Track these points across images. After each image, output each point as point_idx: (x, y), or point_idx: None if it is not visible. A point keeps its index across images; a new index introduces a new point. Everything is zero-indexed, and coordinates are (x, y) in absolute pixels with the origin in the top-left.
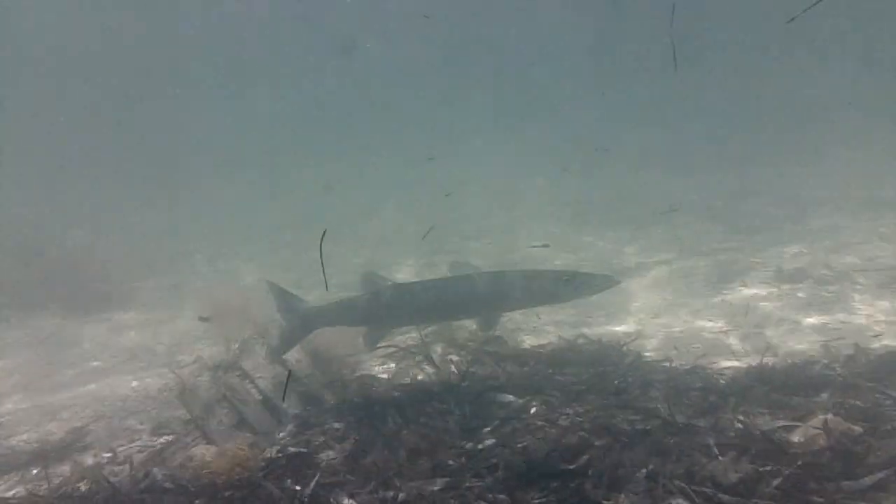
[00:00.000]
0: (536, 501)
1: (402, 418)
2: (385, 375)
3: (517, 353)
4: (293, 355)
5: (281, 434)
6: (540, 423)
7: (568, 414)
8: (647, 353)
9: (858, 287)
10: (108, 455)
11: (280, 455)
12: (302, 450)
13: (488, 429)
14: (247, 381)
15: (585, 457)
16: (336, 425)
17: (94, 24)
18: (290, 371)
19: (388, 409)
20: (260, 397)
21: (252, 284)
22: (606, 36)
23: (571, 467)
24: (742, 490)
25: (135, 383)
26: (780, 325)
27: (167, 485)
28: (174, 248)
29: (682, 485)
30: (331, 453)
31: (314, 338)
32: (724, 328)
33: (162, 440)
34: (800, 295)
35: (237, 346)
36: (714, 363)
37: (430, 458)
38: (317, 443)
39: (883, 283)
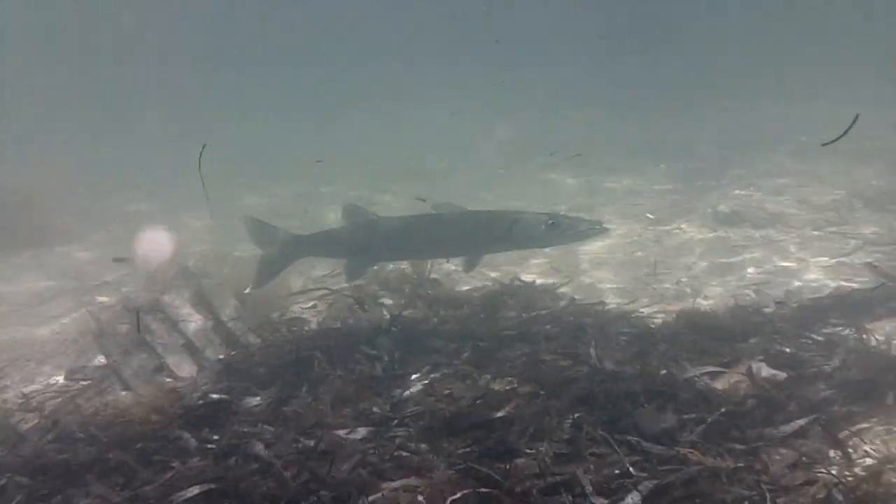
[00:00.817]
0: (459, 451)
1: (329, 364)
2: (316, 319)
3: (451, 296)
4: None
5: (202, 380)
6: (470, 369)
7: (498, 359)
8: (579, 297)
9: (792, 230)
10: (21, 402)
11: (200, 402)
12: (223, 396)
13: (417, 375)
14: (169, 324)
15: (511, 405)
16: (261, 370)
17: None
18: (138, 312)
19: (315, 353)
20: (182, 341)
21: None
22: None
23: (496, 416)
24: (665, 438)
25: (55, 326)
26: (713, 270)
27: (78, 434)
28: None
29: (605, 434)
30: (253, 400)
31: (233, 275)
32: (657, 272)
33: (77, 386)
34: (734, 238)
35: (160, 287)
36: (646, 308)
37: (355, 405)
38: (239, 389)
39: (817, 226)
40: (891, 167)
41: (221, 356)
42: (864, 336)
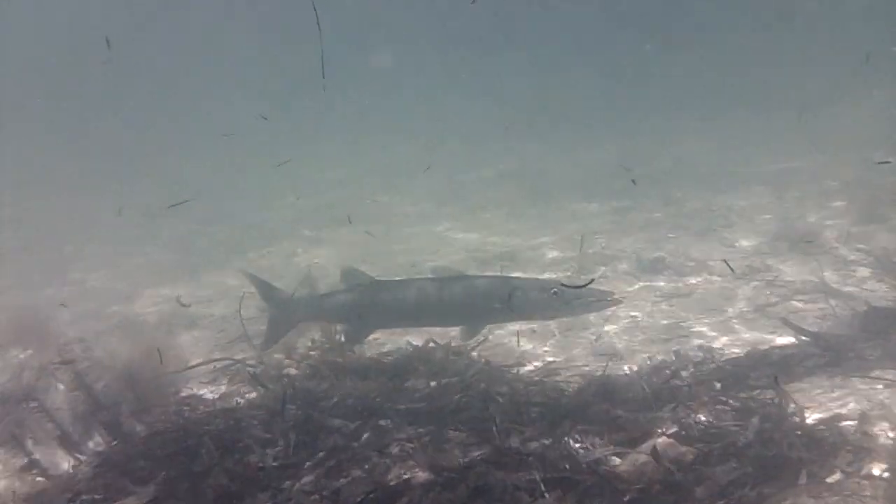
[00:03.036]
0: None
1: (219, 452)
2: (213, 396)
3: (360, 364)
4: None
5: (78, 477)
6: (369, 452)
7: (400, 440)
8: (497, 359)
9: (715, 279)
10: None
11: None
12: (96, 496)
13: (310, 463)
14: (42, 414)
15: (404, 499)
16: (142, 464)
17: None
18: None
19: (204, 441)
20: (58, 433)
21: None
22: None
23: None
24: None
25: None
26: (632, 327)
27: None
28: None
29: None
30: (129, 501)
31: (127, 353)
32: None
33: None
34: (657, 288)
35: (32, 373)
36: (563, 370)
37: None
38: (116, 487)
39: (741, 274)
40: (817, 199)
41: (101, 448)
42: (782, 401)
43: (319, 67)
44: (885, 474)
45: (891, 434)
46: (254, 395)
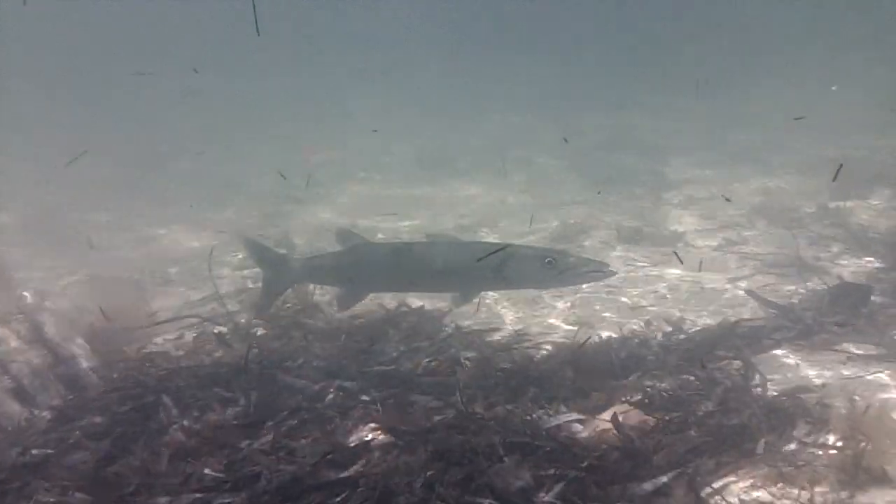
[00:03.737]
0: None
1: (178, 409)
2: (180, 352)
3: (330, 326)
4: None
5: (30, 430)
6: (332, 413)
7: (364, 402)
8: (466, 323)
9: (691, 250)
10: None
11: (20, 459)
12: (48, 451)
13: (272, 422)
14: None
15: (362, 461)
16: (98, 419)
17: None
18: None
19: (162, 398)
20: (11, 385)
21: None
22: None
23: (343, 475)
24: (521, 499)
25: None
26: (605, 295)
27: None
28: None
29: (457, 495)
30: (81, 456)
31: (93, 307)
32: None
33: None
34: (634, 258)
35: None
36: (533, 337)
37: (195, 461)
38: (68, 443)
39: (717, 246)
40: (802, 178)
41: (56, 402)
42: (747, 372)
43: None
44: (839, 444)
45: (847, 405)
46: (220, 353)
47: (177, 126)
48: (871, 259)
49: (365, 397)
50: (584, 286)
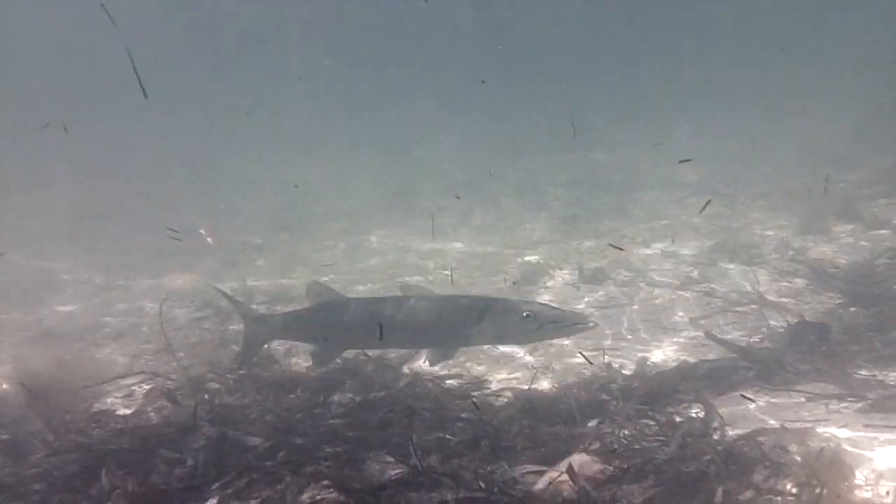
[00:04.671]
0: None
1: (121, 473)
2: (128, 411)
3: (285, 378)
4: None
5: None
6: (283, 472)
7: (317, 459)
8: (426, 370)
9: (654, 289)
10: None
11: None
12: None
13: (220, 483)
14: None
15: None
16: (37, 487)
17: None
18: None
19: (106, 461)
20: None
21: None
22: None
23: None
24: None
25: None
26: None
27: None
28: None
29: None
30: None
31: (35, 367)
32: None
33: None
34: (596, 299)
35: None
36: (491, 383)
37: None
38: None
39: (680, 285)
40: (762, 210)
41: None
42: (707, 416)
43: None
44: (794, 490)
45: (802, 449)
46: (169, 410)
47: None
48: (832, 295)
49: (319, 453)
50: None
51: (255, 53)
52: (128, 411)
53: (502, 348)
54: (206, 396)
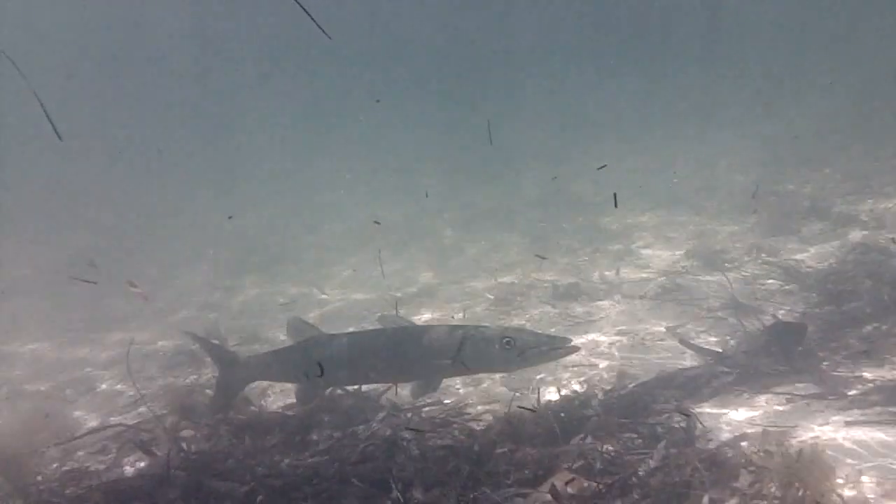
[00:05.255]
0: None
1: None
2: (101, 466)
3: (261, 420)
4: None
5: None
6: None
7: (297, 499)
8: (404, 401)
9: (628, 301)
10: None
11: None
12: None
13: None
14: None
15: None
16: None
17: None
18: None
19: None
20: None
21: None
22: None
23: None
24: None
25: None
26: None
27: None
28: None
29: None
30: None
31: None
32: None
33: None
34: (571, 315)
35: None
36: (470, 408)
37: None
38: None
39: (654, 294)
40: (731, 216)
41: None
42: (688, 424)
43: None
44: (778, 493)
45: (783, 451)
46: (143, 463)
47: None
48: (805, 295)
49: (298, 494)
50: None
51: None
52: (101, 466)
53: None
54: (182, 445)
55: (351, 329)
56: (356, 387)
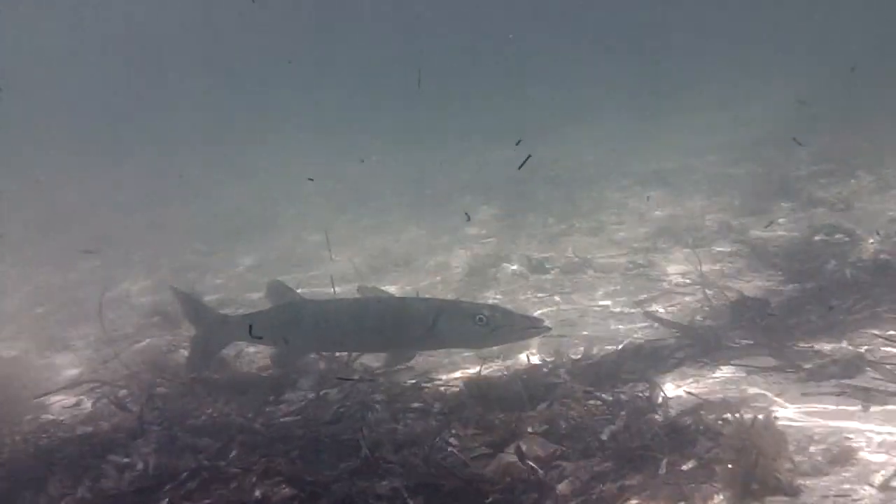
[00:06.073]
0: None
1: (70, 479)
2: (76, 420)
3: (236, 379)
4: None
5: None
6: (235, 470)
7: (270, 455)
8: (377, 365)
9: (600, 276)
10: None
11: None
12: None
13: (171, 485)
14: None
15: None
16: None
17: None
18: None
19: (55, 469)
20: None
21: None
22: None
23: None
24: None
25: None
26: None
27: None
28: None
29: None
30: None
31: None
32: None
33: None
34: (544, 288)
35: None
36: (442, 374)
37: None
38: None
39: (625, 269)
40: (704, 195)
41: None
42: (651, 393)
43: None
44: (734, 458)
45: (739, 419)
46: (118, 417)
47: None
48: (772, 273)
49: (271, 450)
50: None
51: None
52: (76, 421)
53: None
54: (156, 401)
55: None
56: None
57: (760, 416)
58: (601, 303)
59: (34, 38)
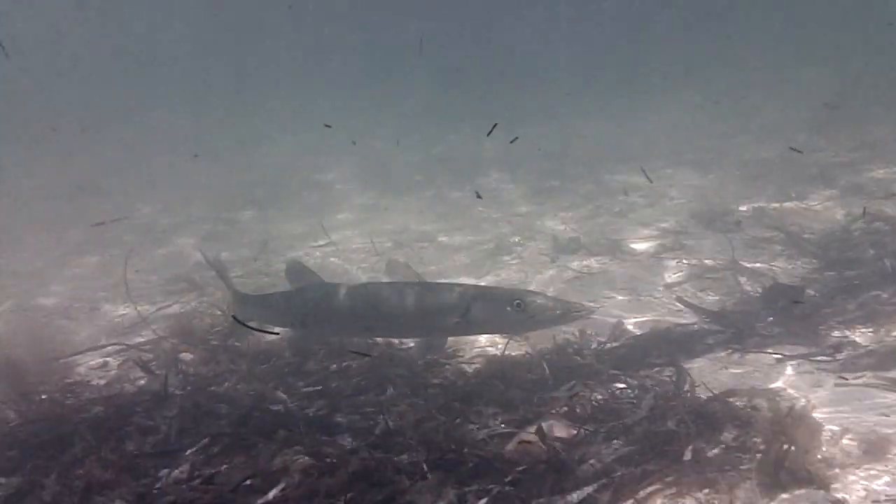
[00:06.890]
0: None
1: (94, 440)
2: (102, 381)
3: (259, 348)
4: None
5: None
6: (255, 438)
7: (290, 424)
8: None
9: (628, 259)
10: None
11: None
12: None
13: (192, 449)
14: None
15: (281, 485)
16: (10, 453)
17: None
18: None
19: (80, 429)
20: None
21: None
22: None
23: (261, 501)
24: None
25: None
26: None
27: None
28: None
29: None
30: None
31: (15, 340)
32: None
33: None
34: (571, 268)
35: None
36: (465, 351)
37: (111, 493)
38: None
39: (654, 252)
40: (738, 179)
41: None
42: (678, 378)
43: None
44: (762, 446)
45: (772, 407)
46: (143, 381)
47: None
48: (807, 261)
49: (291, 420)
50: None
51: None
52: (102, 382)
53: None
54: (181, 366)
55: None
56: None
57: (796, 406)
58: (629, 285)
59: None
